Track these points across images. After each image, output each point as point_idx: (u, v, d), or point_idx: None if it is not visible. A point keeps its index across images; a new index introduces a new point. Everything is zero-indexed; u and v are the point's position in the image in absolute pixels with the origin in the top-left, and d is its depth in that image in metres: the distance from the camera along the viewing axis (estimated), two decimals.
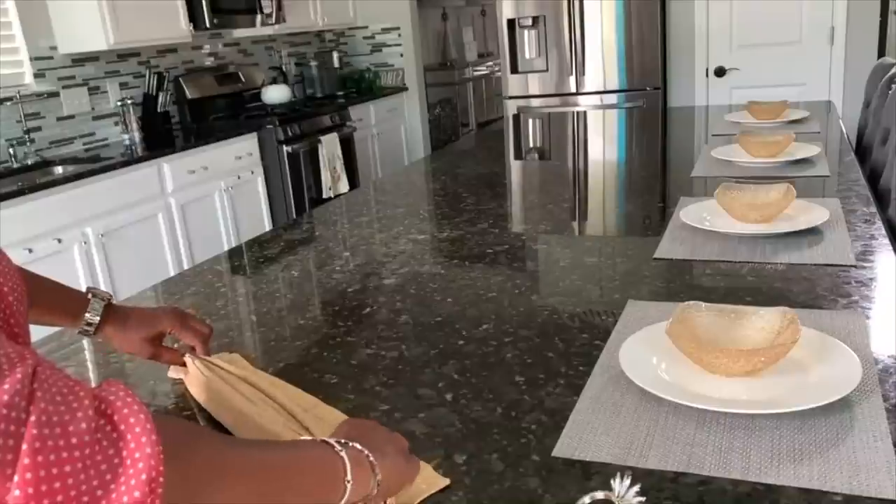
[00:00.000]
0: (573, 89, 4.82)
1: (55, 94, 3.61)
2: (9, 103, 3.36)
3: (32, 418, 0.42)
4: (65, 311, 0.98)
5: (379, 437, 0.70)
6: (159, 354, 1.04)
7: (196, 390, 0.99)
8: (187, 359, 1.02)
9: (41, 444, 0.41)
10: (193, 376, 1.00)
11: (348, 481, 0.62)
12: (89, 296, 0.99)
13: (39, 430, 0.42)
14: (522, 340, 1.09)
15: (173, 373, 1.05)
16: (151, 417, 0.47)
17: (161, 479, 0.45)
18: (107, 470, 0.44)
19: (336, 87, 5.32)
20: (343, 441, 0.65)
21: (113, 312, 1.01)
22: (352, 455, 0.63)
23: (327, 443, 0.64)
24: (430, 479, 0.77)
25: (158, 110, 4.08)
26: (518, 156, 2.86)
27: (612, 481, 0.67)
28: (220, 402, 0.95)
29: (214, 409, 0.95)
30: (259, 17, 4.46)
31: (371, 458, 0.65)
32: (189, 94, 4.26)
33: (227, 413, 0.93)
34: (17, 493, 0.40)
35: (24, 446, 0.41)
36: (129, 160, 3.32)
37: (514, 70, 4.90)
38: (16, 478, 0.40)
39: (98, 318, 0.98)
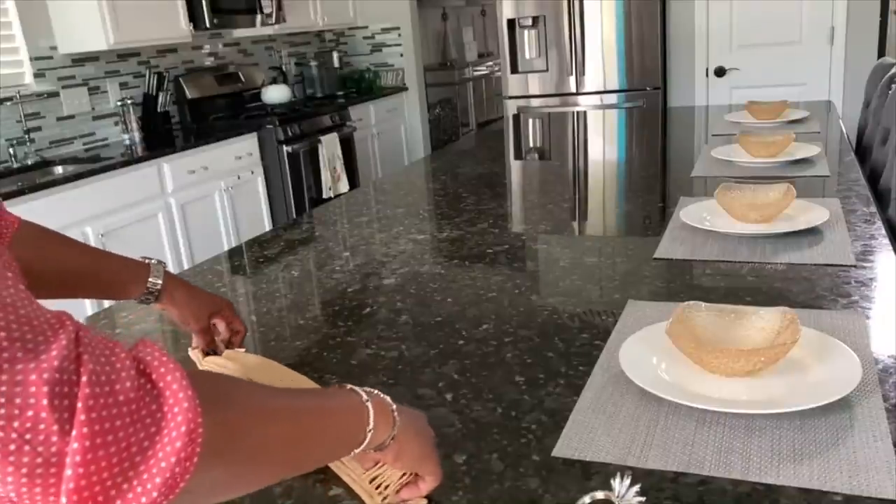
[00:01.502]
0: (573, 89, 4.82)
1: (55, 94, 3.61)
2: (9, 103, 3.36)
3: (84, 378, 0.45)
4: (127, 281, 0.99)
5: (422, 422, 0.75)
6: (215, 332, 1.07)
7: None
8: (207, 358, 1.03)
9: (94, 402, 0.45)
10: (211, 363, 1.01)
11: (370, 430, 0.65)
12: (149, 262, 1.00)
13: (91, 389, 0.45)
14: (522, 340, 1.09)
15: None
16: (186, 374, 0.50)
17: (200, 430, 0.49)
18: (151, 423, 0.47)
19: (336, 87, 5.32)
20: (369, 390, 0.68)
21: (176, 280, 1.03)
22: (376, 404, 0.66)
23: (355, 391, 0.67)
24: None
25: (158, 110, 4.08)
26: (518, 156, 2.86)
27: (612, 481, 0.67)
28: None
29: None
30: (259, 17, 4.46)
31: (394, 411, 0.68)
32: (189, 94, 4.26)
33: None
34: (75, 445, 0.43)
35: (79, 404, 0.44)
36: (129, 160, 3.32)
37: (514, 70, 4.90)
38: (74, 432, 0.44)
39: (160, 280, 1.00)
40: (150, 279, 0.99)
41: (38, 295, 0.53)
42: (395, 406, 0.69)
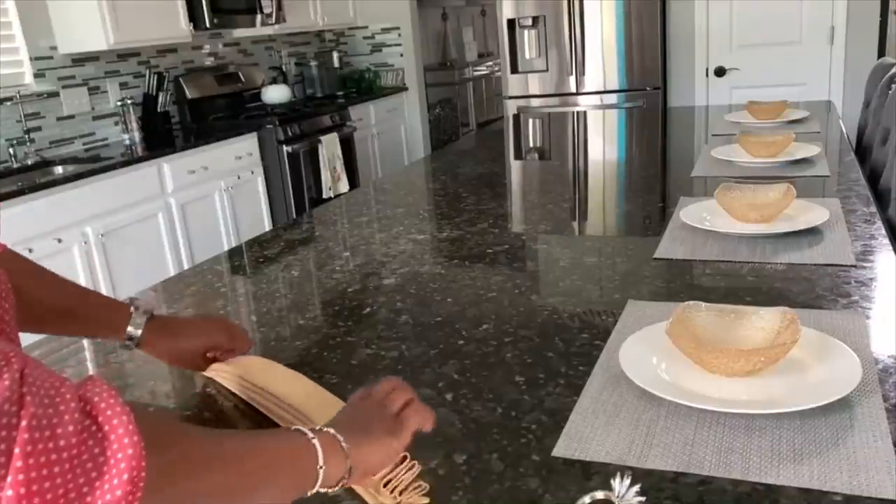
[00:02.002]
0: (573, 89, 4.82)
1: (55, 94, 3.61)
2: (9, 103, 3.36)
3: (24, 423, 0.44)
4: (108, 323, 0.94)
5: (370, 417, 0.74)
6: (214, 360, 1.02)
7: (226, 380, 1.01)
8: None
9: (32, 448, 0.43)
10: (218, 371, 1.01)
11: (321, 467, 0.65)
12: (131, 308, 0.95)
13: (31, 434, 0.44)
14: (522, 340, 1.09)
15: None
16: (133, 416, 0.50)
17: (142, 474, 0.48)
18: (92, 468, 0.46)
19: (336, 87, 5.32)
20: (320, 428, 0.68)
21: (160, 325, 0.97)
22: (324, 442, 0.66)
23: (302, 431, 0.67)
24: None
25: (158, 110, 4.08)
26: (518, 156, 2.86)
27: (612, 481, 0.67)
28: (253, 386, 0.97)
29: (249, 396, 0.97)
30: (259, 17, 4.46)
31: (344, 445, 0.67)
32: (189, 94, 4.26)
33: (259, 395, 0.95)
34: (9, 493, 0.42)
35: (17, 450, 0.43)
36: (129, 160, 3.32)
37: (514, 70, 4.90)
38: (9, 478, 0.42)
39: (140, 331, 0.94)
40: (128, 328, 0.94)
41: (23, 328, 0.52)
42: (342, 438, 0.68)
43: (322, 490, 0.67)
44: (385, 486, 0.74)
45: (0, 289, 0.66)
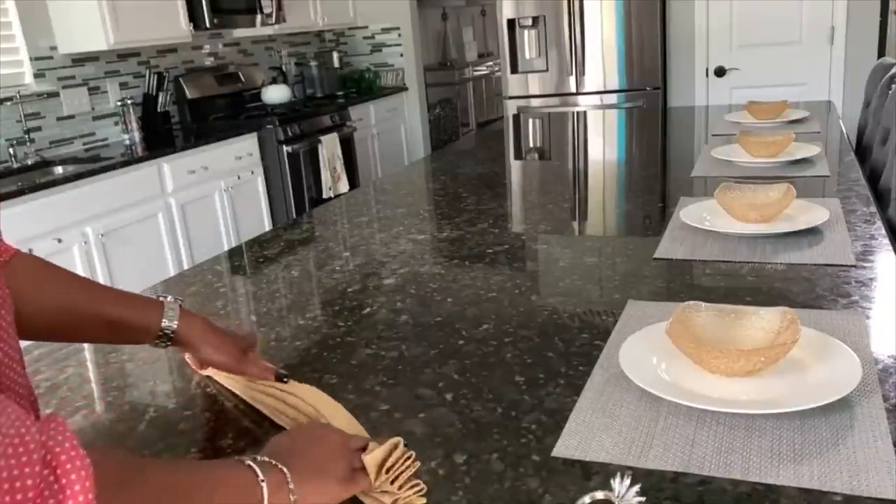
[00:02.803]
0: (573, 89, 4.82)
1: (55, 94, 3.61)
2: (9, 103, 3.36)
3: None
4: (139, 327, 0.91)
5: (322, 454, 0.73)
6: (250, 369, 0.97)
7: (226, 379, 1.01)
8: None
9: None
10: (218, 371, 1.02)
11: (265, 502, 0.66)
12: (166, 300, 0.92)
13: None
14: (522, 340, 1.09)
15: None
16: (90, 464, 0.50)
17: None
18: None
19: (336, 87, 5.32)
20: (268, 462, 0.69)
21: (200, 320, 0.95)
22: (272, 480, 0.67)
23: (252, 467, 0.68)
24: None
25: (158, 110, 4.08)
26: (518, 156, 2.86)
27: (612, 481, 0.67)
28: (254, 383, 0.97)
29: (250, 395, 0.97)
30: (259, 17, 4.46)
31: (291, 485, 0.68)
32: (189, 94, 4.26)
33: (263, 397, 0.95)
34: None
35: None
36: (129, 160, 3.32)
37: (514, 70, 4.90)
38: None
39: (175, 322, 0.92)
40: (163, 321, 0.91)
41: (37, 337, 0.53)
42: (289, 475, 0.69)
43: None
44: (386, 471, 0.74)
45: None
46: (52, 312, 0.86)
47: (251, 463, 0.68)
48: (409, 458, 0.76)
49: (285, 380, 0.97)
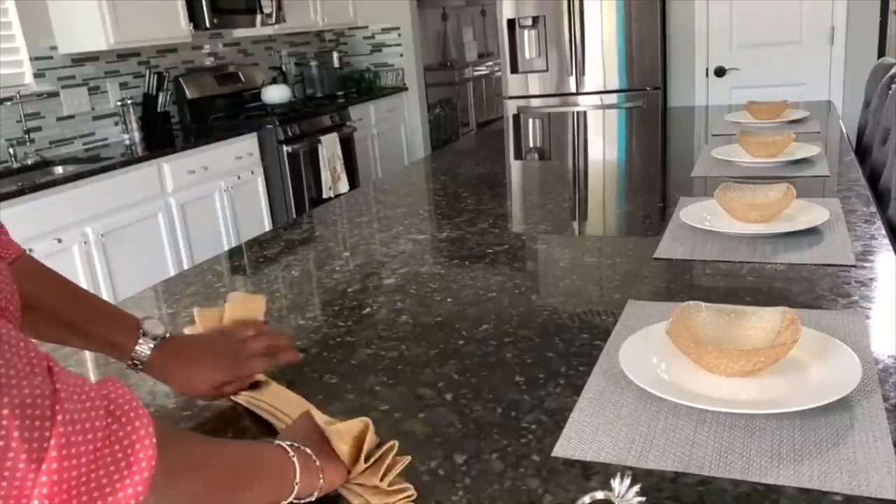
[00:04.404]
0: (573, 89, 4.82)
1: (55, 94, 3.61)
2: (9, 103, 3.36)
3: (59, 417, 0.47)
4: (115, 344, 0.90)
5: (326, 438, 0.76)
6: (226, 394, 0.96)
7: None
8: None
9: (66, 440, 0.46)
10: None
11: (296, 483, 0.69)
12: (140, 331, 0.90)
13: (65, 429, 0.46)
14: (522, 340, 1.09)
15: None
16: (148, 414, 0.53)
17: (154, 475, 0.51)
18: (115, 470, 0.49)
19: (336, 87, 5.32)
20: (296, 446, 0.72)
21: (171, 350, 0.91)
22: (302, 460, 0.71)
23: (282, 447, 0.71)
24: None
25: (158, 110, 4.08)
26: (518, 156, 2.86)
27: (612, 481, 0.67)
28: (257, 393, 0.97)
29: (248, 399, 0.96)
30: (259, 17, 4.46)
31: (318, 463, 0.72)
32: (189, 94, 4.26)
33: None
34: (43, 478, 0.45)
35: (53, 441, 0.46)
36: (129, 160, 3.32)
37: (514, 70, 4.90)
38: (44, 466, 0.45)
39: (147, 352, 0.89)
40: (136, 348, 0.89)
41: (28, 334, 0.55)
42: (314, 457, 0.72)
43: (295, 501, 0.71)
44: (366, 460, 0.75)
45: (4, 286, 0.66)
46: (41, 322, 0.88)
47: (280, 443, 0.72)
48: (391, 447, 0.76)
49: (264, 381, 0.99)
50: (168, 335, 0.92)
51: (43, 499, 0.45)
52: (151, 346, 0.90)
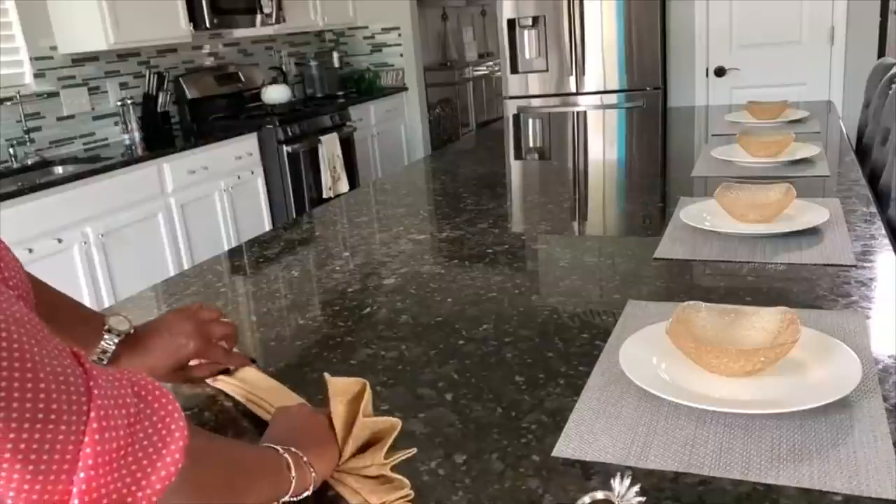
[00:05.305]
0: (573, 89, 4.82)
1: (55, 94, 3.61)
2: (9, 103, 3.36)
3: (95, 392, 0.48)
4: (78, 337, 0.90)
5: (310, 426, 0.79)
6: (189, 378, 1.01)
7: (231, 388, 1.01)
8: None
9: (105, 413, 0.48)
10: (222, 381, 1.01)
11: (293, 477, 0.72)
12: (105, 327, 0.92)
13: (103, 401, 0.49)
14: (522, 340, 1.09)
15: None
16: (174, 398, 0.55)
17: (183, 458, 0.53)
18: (148, 445, 0.51)
19: (336, 87, 5.32)
20: (285, 447, 0.74)
21: (131, 343, 0.94)
22: (293, 459, 0.73)
23: (273, 447, 0.73)
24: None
25: (158, 110, 4.08)
26: (518, 156, 2.86)
27: (612, 481, 0.67)
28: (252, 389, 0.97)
29: (248, 397, 0.97)
30: (259, 17, 4.46)
31: (306, 460, 0.73)
32: (189, 94, 4.26)
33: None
34: (88, 450, 0.47)
35: (93, 414, 0.47)
36: (129, 160, 3.32)
37: (514, 70, 4.90)
38: (86, 438, 0.47)
39: (112, 347, 0.92)
40: (101, 342, 0.92)
41: None
42: (302, 454, 0.74)
43: (290, 499, 0.72)
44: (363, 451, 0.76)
45: (18, 278, 0.66)
46: None
47: (271, 445, 0.74)
48: (392, 426, 0.77)
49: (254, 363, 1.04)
50: (133, 331, 0.95)
51: (89, 470, 0.46)
52: (116, 341, 0.93)
